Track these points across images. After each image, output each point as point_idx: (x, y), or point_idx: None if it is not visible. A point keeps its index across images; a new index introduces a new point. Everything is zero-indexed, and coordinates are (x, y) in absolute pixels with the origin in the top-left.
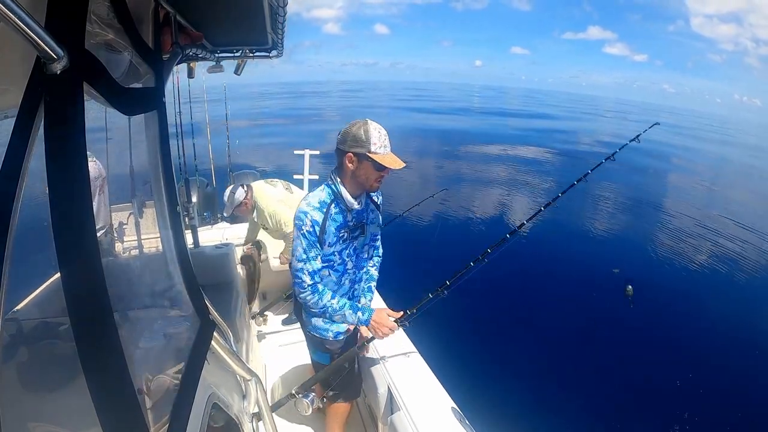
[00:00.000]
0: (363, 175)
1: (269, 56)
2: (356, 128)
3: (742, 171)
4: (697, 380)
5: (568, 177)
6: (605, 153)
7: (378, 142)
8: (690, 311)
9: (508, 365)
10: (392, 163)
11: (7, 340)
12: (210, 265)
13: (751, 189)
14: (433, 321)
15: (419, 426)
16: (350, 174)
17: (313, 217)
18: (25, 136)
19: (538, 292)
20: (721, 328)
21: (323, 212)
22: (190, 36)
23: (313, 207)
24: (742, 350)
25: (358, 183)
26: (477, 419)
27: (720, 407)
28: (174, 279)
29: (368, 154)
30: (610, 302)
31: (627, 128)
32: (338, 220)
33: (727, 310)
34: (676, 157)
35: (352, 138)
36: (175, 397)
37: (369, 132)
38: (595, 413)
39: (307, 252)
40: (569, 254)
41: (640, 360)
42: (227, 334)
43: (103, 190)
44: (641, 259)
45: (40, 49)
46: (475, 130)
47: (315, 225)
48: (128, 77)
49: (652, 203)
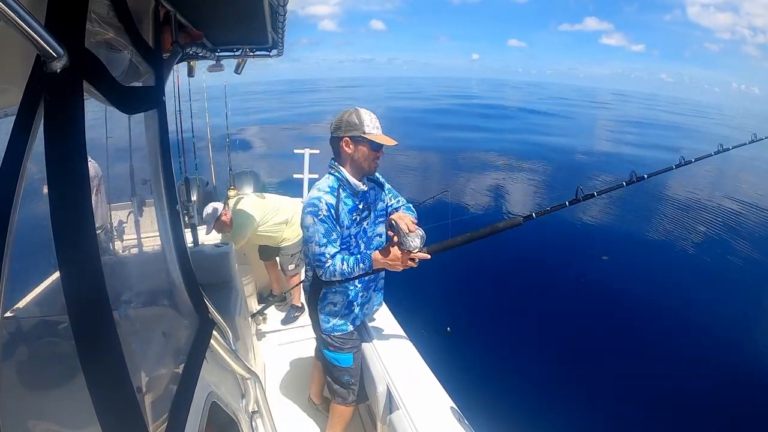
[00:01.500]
0: (361, 157)
1: (269, 55)
2: (348, 115)
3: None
4: (694, 373)
5: (568, 179)
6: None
7: (370, 123)
8: (687, 301)
9: (507, 365)
10: (386, 140)
11: (6, 339)
12: (209, 264)
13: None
14: (433, 321)
15: (418, 425)
16: (349, 159)
17: (328, 201)
18: (24, 134)
19: (537, 292)
20: (720, 315)
21: (335, 196)
22: (190, 35)
23: (325, 192)
24: (738, 342)
25: (357, 166)
26: (476, 419)
27: (719, 407)
28: (173, 278)
29: (363, 136)
30: (608, 300)
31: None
32: (349, 204)
33: (724, 297)
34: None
35: (347, 124)
36: (174, 396)
37: (361, 116)
38: (595, 412)
39: (328, 236)
40: (568, 252)
41: (639, 359)
42: (226, 333)
43: (100, 190)
44: (631, 247)
45: (40, 47)
46: (475, 129)
47: (330, 208)
48: (128, 76)
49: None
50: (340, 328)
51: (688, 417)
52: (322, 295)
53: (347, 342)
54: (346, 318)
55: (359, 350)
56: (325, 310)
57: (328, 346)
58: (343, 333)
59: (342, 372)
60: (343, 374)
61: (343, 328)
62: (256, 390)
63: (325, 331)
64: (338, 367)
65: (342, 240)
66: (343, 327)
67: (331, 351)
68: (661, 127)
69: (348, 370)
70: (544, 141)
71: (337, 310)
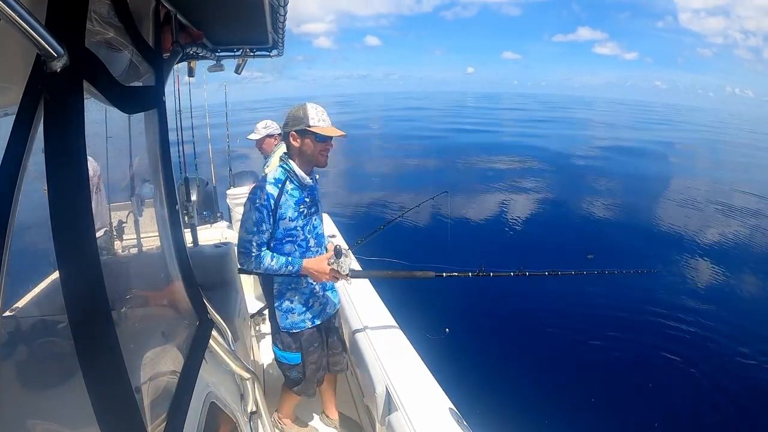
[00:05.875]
0: (308, 149)
1: (269, 55)
2: (295, 110)
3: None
4: (693, 375)
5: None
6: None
7: (316, 116)
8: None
9: (505, 365)
10: (332, 132)
11: (5, 338)
12: (209, 265)
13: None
14: (431, 321)
15: (417, 426)
16: (297, 151)
17: (268, 191)
18: (24, 133)
19: (535, 291)
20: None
21: (278, 187)
22: (190, 35)
23: (270, 182)
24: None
25: (305, 159)
26: (475, 419)
27: (720, 408)
28: (173, 278)
29: (308, 129)
30: (608, 300)
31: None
32: (296, 196)
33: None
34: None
35: (293, 118)
36: (172, 396)
37: (306, 110)
38: (594, 412)
39: (258, 225)
40: (566, 251)
41: (638, 359)
42: (225, 334)
43: (100, 189)
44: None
45: (40, 47)
46: (474, 137)
47: (270, 198)
48: (128, 76)
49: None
50: (297, 325)
51: (688, 416)
52: (277, 292)
53: (297, 341)
54: (302, 314)
55: (313, 350)
56: (283, 307)
57: (278, 344)
58: (295, 331)
59: (290, 368)
60: (292, 370)
61: (300, 326)
62: (255, 391)
63: (283, 328)
64: (287, 364)
65: (287, 231)
66: (300, 324)
67: (280, 350)
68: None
69: (296, 367)
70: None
71: (293, 307)
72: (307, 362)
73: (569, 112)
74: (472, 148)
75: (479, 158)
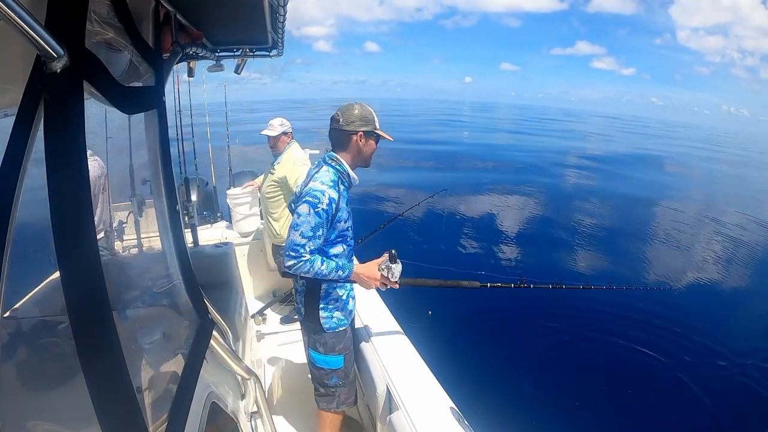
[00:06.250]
0: (369, 150)
1: (269, 55)
2: (360, 110)
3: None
4: (691, 379)
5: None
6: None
7: (377, 120)
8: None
9: (506, 365)
10: (389, 137)
11: (6, 338)
12: (209, 265)
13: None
14: (432, 321)
15: (418, 426)
16: (356, 151)
17: (331, 195)
18: (24, 134)
19: (535, 292)
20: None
21: (337, 191)
22: (190, 35)
23: (329, 186)
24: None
25: (360, 159)
26: (476, 419)
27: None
28: (173, 278)
29: (375, 131)
30: (606, 299)
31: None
32: (346, 197)
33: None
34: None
35: (360, 118)
36: (173, 396)
37: (372, 112)
38: (594, 412)
39: (315, 230)
40: (566, 252)
41: (638, 359)
42: (226, 334)
43: (106, 188)
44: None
45: (40, 47)
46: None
47: (332, 203)
48: (128, 76)
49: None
50: (342, 323)
51: (689, 417)
52: (324, 292)
53: (340, 342)
54: (344, 312)
55: (350, 353)
56: (329, 307)
57: (320, 348)
58: (341, 329)
59: (330, 374)
60: (331, 376)
61: (344, 323)
62: (256, 390)
63: (328, 329)
64: (326, 370)
65: (341, 233)
66: (344, 322)
67: (322, 354)
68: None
69: (336, 372)
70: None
71: (339, 306)
72: (349, 363)
73: (574, 124)
74: (472, 152)
75: (479, 159)
